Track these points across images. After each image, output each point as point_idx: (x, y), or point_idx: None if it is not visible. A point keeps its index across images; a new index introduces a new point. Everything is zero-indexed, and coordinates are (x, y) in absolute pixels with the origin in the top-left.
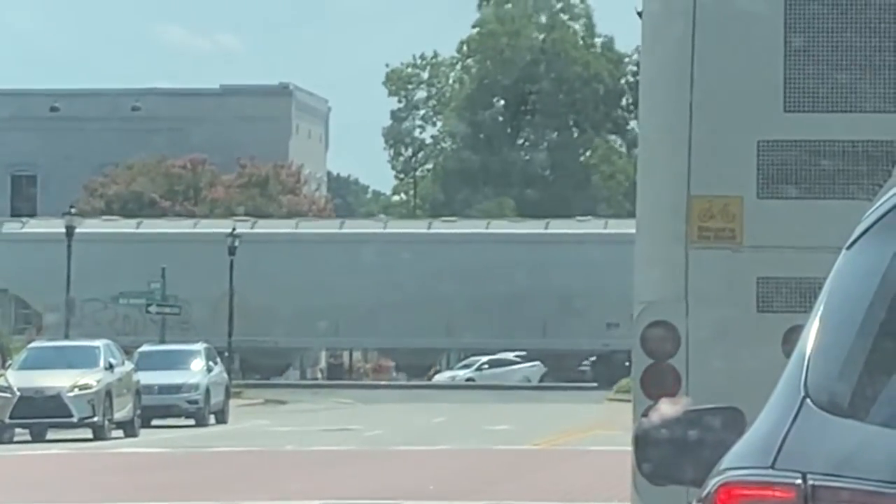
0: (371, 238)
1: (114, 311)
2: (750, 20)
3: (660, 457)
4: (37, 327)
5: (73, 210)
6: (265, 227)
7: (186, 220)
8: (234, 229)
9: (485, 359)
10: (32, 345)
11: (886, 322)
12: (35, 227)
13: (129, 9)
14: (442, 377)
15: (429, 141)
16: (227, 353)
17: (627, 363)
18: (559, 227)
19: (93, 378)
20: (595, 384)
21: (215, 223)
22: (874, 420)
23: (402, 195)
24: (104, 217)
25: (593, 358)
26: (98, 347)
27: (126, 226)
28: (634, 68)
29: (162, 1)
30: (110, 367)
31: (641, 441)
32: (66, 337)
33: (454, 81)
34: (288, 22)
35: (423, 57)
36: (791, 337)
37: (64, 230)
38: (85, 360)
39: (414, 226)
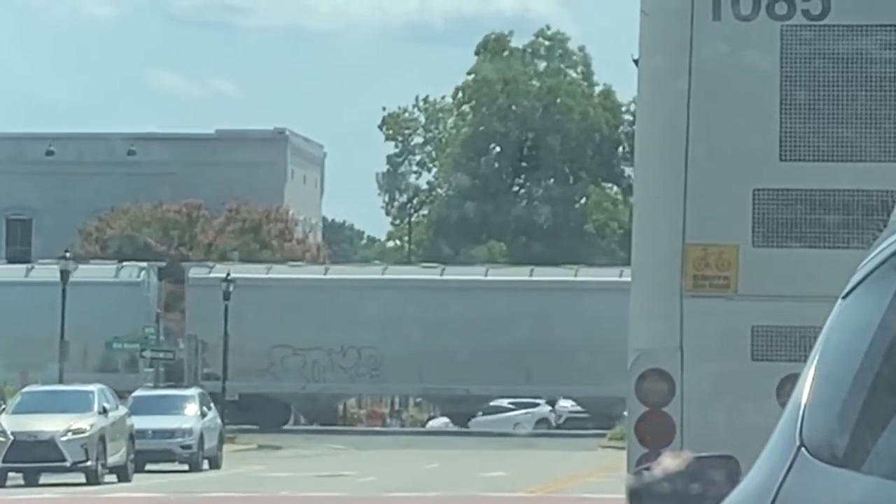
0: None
1: (303, 358)
2: (746, 71)
3: None
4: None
5: (68, 254)
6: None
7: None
8: (228, 274)
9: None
10: (26, 389)
11: (882, 372)
12: (220, 271)
13: (124, 54)
14: (436, 423)
15: (424, 187)
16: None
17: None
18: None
19: (86, 422)
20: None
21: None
22: (870, 471)
23: (397, 241)
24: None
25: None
26: (92, 392)
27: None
28: (631, 117)
29: (157, 46)
30: (104, 411)
31: (637, 494)
32: (60, 380)
33: (451, 127)
34: (283, 68)
35: (425, 100)
36: (786, 386)
37: (260, 275)
38: (79, 404)
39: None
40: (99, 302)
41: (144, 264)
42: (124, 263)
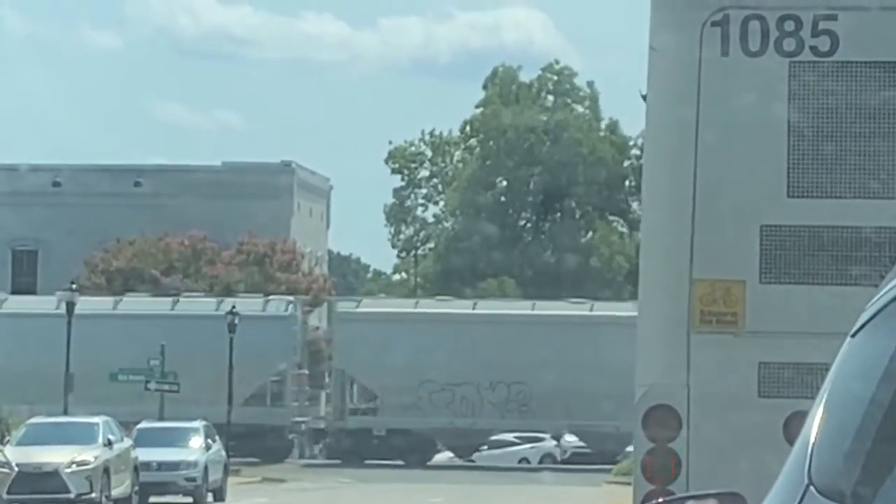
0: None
1: (451, 393)
2: (754, 106)
3: None
4: (367, 409)
5: (73, 286)
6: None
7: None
8: (234, 307)
9: None
10: (31, 420)
11: (890, 411)
12: (367, 306)
13: (130, 86)
14: (441, 458)
15: (431, 220)
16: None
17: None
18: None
19: (91, 454)
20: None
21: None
22: None
23: (403, 274)
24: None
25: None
26: (97, 424)
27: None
28: (638, 152)
29: (163, 78)
30: (109, 443)
31: None
32: (66, 413)
33: (458, 160)
34: (289, 100)
35: (431, 134)
36: (792, 423)
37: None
38: (83, 436)
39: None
40: (249, 336)
41: (291, 298)
42: (271, 297)
